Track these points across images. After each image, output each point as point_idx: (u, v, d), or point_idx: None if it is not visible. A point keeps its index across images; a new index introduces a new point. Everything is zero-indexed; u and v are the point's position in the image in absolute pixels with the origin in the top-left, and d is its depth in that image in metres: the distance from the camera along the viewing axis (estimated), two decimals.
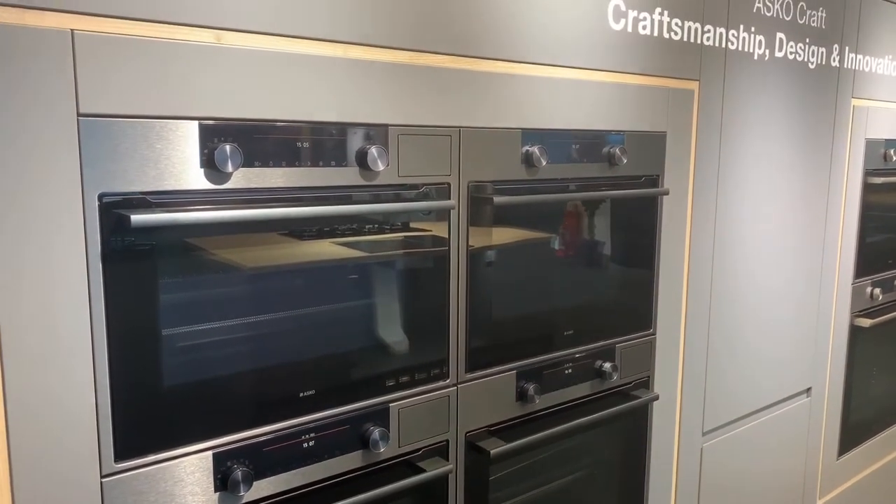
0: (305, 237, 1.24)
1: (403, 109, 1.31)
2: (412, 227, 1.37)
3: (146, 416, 1.09)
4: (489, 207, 1.47)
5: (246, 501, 1.21)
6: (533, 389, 1.59)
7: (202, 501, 1.16)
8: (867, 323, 2.68)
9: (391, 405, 1.38)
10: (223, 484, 1.17)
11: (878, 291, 2.74)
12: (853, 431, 2.83)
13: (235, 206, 1.13)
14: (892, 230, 2.80)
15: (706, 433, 2.15)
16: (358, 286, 1.32)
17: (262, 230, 1.19)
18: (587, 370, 1.74)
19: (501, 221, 1.51)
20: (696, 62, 1.87)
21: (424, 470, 1.41)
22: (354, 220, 1.30)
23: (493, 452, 1.50)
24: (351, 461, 1.33)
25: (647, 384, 1.91)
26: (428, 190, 1.37)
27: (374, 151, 1.25)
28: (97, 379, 1.04)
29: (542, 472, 1.73)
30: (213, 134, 1.09)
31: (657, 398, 1.90)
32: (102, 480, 1.06)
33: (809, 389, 2.56)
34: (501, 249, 1.53)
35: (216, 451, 1.17)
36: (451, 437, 1.49)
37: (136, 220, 1.00)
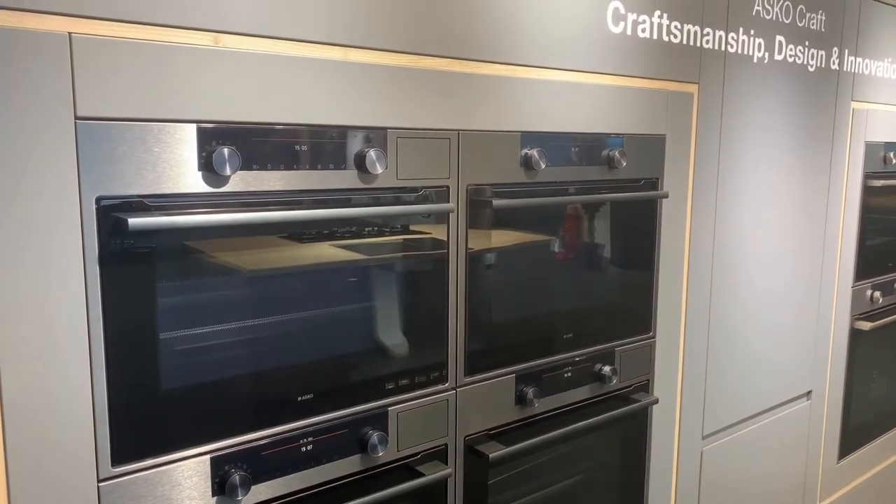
0: (304, 240, 1.24)
1: (402, 112, 1.31)
2: (411, 230, 1.37)
3: (143, 419, 1.09)
4: (488, 210, 1.47)
5: None
6: (532, 393, 1.58)
7: None
8: (867, 326, 2.68)
9: (390, 409, 1.37)
10: (221, 488, 1.17)
11: (878, 294, 2.74)
12: (853, 435, 2.83)
13: (233, 209, 1.12)
14: (891, 233, 2.80)
15: (706, 436, 2.15)
16: (356, 289, 1.31)
17: (260, 233, 1.19)
18: (587, 373, 1.73)
19: (500, 224, 1.51)
20: (695, 65, 1.87)
21: (423, 474, 1.41)
22: (353, 223, 1.29)
23: (492, 456, 1.50)
24: (349, 465, 1.33)
25: (646, 387, 1.90)
26: (427, 193, 1.37)
27: (372, 154, 1.25)
28: (94, 383, 1.03)
29: (541, 475, 1.73)
30: (211, 137, 1.09)
31: (657, 402, 1.90)
32: (99, 485, 1.06)
33: (810, 393, 2.55)
34: (501, 252, 1.52)
35: (214, 455, 1.16)
36: (450, 440, 1.48)
37: (133, 223, 0.99)
